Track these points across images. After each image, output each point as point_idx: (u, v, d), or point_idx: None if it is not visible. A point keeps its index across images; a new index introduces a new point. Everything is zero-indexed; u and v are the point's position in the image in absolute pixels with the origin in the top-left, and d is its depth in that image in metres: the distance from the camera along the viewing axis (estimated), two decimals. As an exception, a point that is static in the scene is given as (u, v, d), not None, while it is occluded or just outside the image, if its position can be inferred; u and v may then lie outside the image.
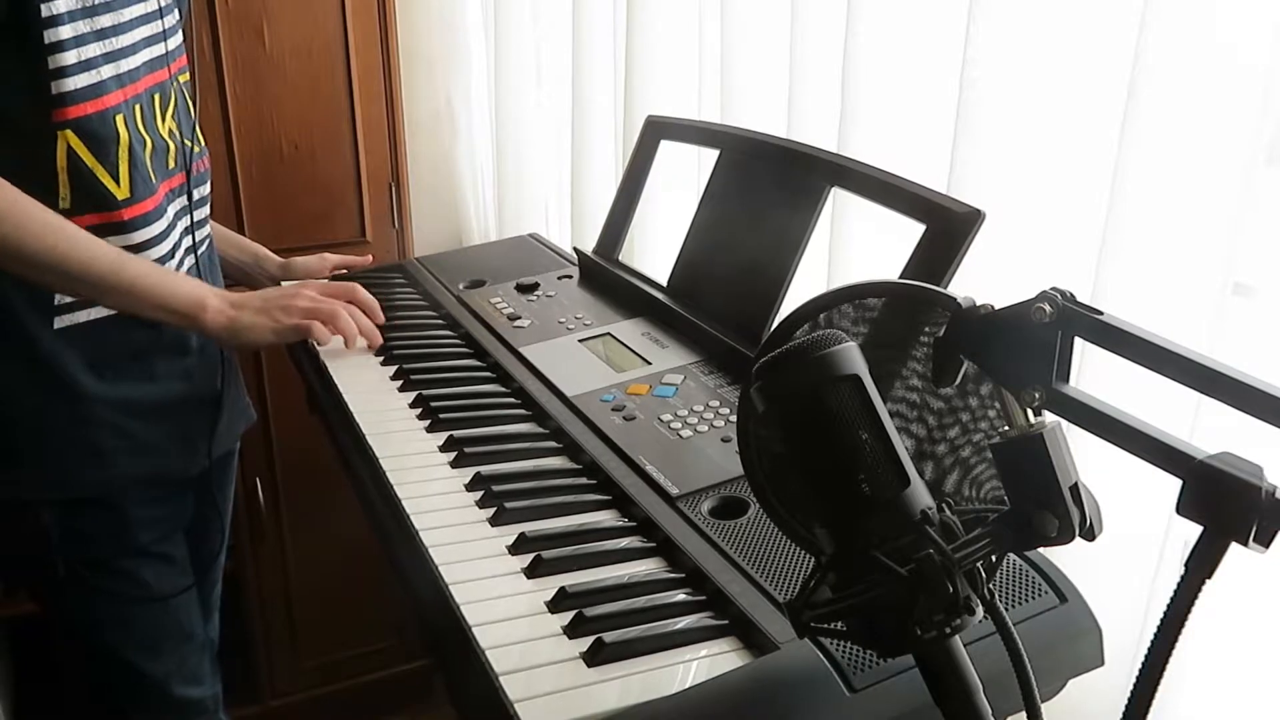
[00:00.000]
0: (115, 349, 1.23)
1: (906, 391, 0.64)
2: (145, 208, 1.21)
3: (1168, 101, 0.82)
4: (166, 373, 1.28)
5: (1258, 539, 0.48)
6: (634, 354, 1.23)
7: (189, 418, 1.33)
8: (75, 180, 1.15)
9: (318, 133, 1.89)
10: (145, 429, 1.26)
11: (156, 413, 1.28)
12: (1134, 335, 0.54)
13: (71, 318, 1.19)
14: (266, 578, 2.07)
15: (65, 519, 1.24)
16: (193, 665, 1.39)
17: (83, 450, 1.23)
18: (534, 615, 0.81)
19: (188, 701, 1.38)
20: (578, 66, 1.65)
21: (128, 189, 1.19)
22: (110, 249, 1.16)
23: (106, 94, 1.16)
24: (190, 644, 1.38)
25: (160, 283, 1.20)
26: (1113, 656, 0.77)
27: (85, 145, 1.15)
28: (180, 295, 1.20)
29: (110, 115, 1.17)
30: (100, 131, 1.16)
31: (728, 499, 0.93)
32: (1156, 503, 0.83)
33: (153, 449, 1.28)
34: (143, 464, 1.27)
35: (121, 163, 1.18)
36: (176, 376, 1.30)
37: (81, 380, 1.21)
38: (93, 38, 1.15)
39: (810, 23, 1.18)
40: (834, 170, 1.11)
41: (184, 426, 1.32)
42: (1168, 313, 0.83)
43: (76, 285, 1.16)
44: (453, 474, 1.03)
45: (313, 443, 1.60)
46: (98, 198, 1.17)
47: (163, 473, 1.31)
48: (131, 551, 1.29)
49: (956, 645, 0.54)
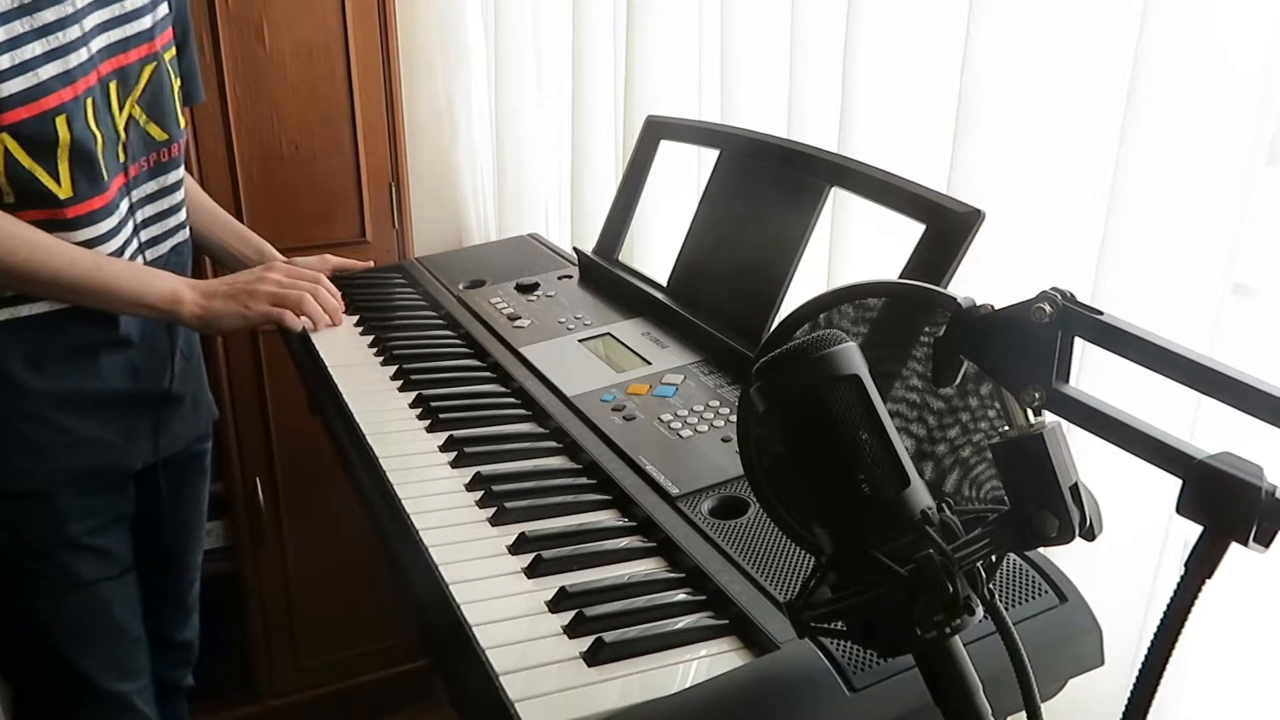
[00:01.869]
0: (56, 343, 1.23)
1: (906, 391, 0.64)
2: (92, 205, 1.20)
3: (1168, 101, 0.82)
4: (110, 367, 1.28)
5: (1258, 539, 0.48)
6: (634, 354, 1.23)
7: (133, 412, 1.33)
8: (14, 183, 1.14)
9: (318, 133, 1.89)
10: (85, 424, 1.27)
11: (98, 407, 1.28)
12: (1134, 335, 0.54)
13: (12, 311, 1.20)
14: (266, 578, 2.07)
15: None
16: (122, 659, 1.39)
17: (19, 444, 1.24)
18: (534, 615, 0.81)
19: (113, 695, 1.38)
20: (578, 67, 1.65)
21: (69, 188, 1.18)
22: (84, 255, 1.17)
23: (47, 95, 1.13)
24: (122, 637, 1.38)
25: (138, 282, 1.22)
26: (1113, 656, 0.77)
27: (22, 148, 1.13)
28: (156, 292, 1.23)
29: (50, 117, 1.14)
30: (38, 134, 1.14)
31: (728, 499, 0.93)
32: (1156, 503, 0.83)
33: (93, 443, 1.28)
34: (81, 458, 1.28)
35: (62, 163, 1.17)
36: (121, 371, 1.30)
37: (20, 375, 1.21)
38: (33, 36, 1.12)
39: (810, 23, 1.18)
40: (834, 170, 1.11)
41: (127, 421, 1.32)
42: (1168, 313, 0.83)
43: (53, 292, 1.17)
44: (453, 474, 1.03)
45: (313, 443, 1.60)
46: (39, 197, 1.16)
47: (102, 467, 1.31)
48: (64, 542, 1.29)
49: (956, 645, 0.54)
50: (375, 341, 1.36)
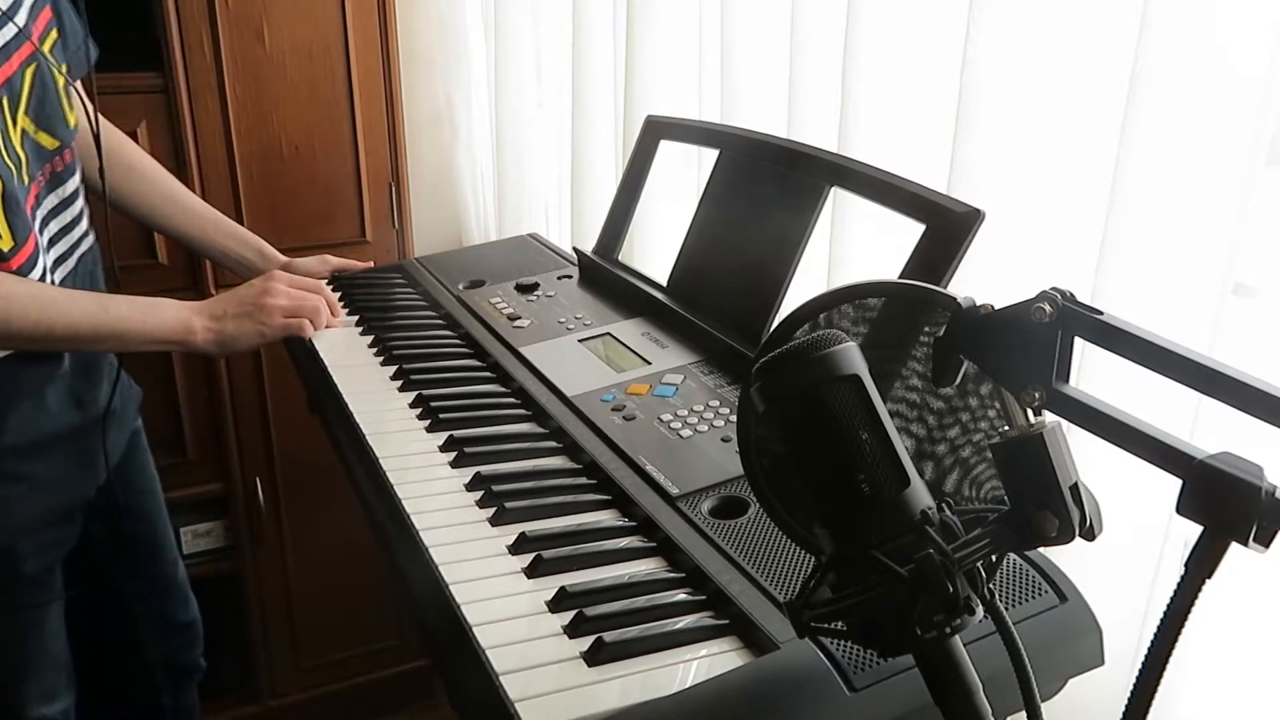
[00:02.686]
0: (9, 392, 1.17)
1: (906, 391, 0.64)
2: (29, 248, 1.10)
3: (1168, 101, 0.81)
4: (56, 402, 1.22)
5: (1258, 539, 0.48)
6: (634, 354, 1.23)
7: (83, 441, 1.28)
8: None
9: (318, 133, 1.89)
10: (45, 467, 1.22)
11: (53, 446, 1.22)
12: (1134, 335, 0.54)
13: None
14: (266, 578, 2.07)
15: None
16: (52, 684, 1.34)
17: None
18: (534, 615, 0.81)
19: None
20: (578, 66, 1.65)
21: (9, 237, 1.08)
22: (87, 300, 1.12)
23: None
24: (55, 663, 1.33)
25: (148, 320, 1.17)
26: (1113, 656, 0.77)
27: None
28: (168, 326, 1.19)
29: None
30: None
31: (728, 499, 0.93)
32: (1156, 503, 0.83)
33: (53, 483, 1.23)
34: (42, 501, 1.23)
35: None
36: (66, 404, 1.24)
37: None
38: None
39: (810, 23, 1.18)
40: (834, 170, 1.11)
41: (80, 450, 1.27)
42: (1168, 313, 0.83)
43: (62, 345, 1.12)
44: (453, 474, 1.03)
45: (313, 443, 1.60)
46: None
47: (60, 505, 1.26)
48: (16, 582, 1.24)
49: (956, 645, 0.54)
50: (375, 341, 1.36)
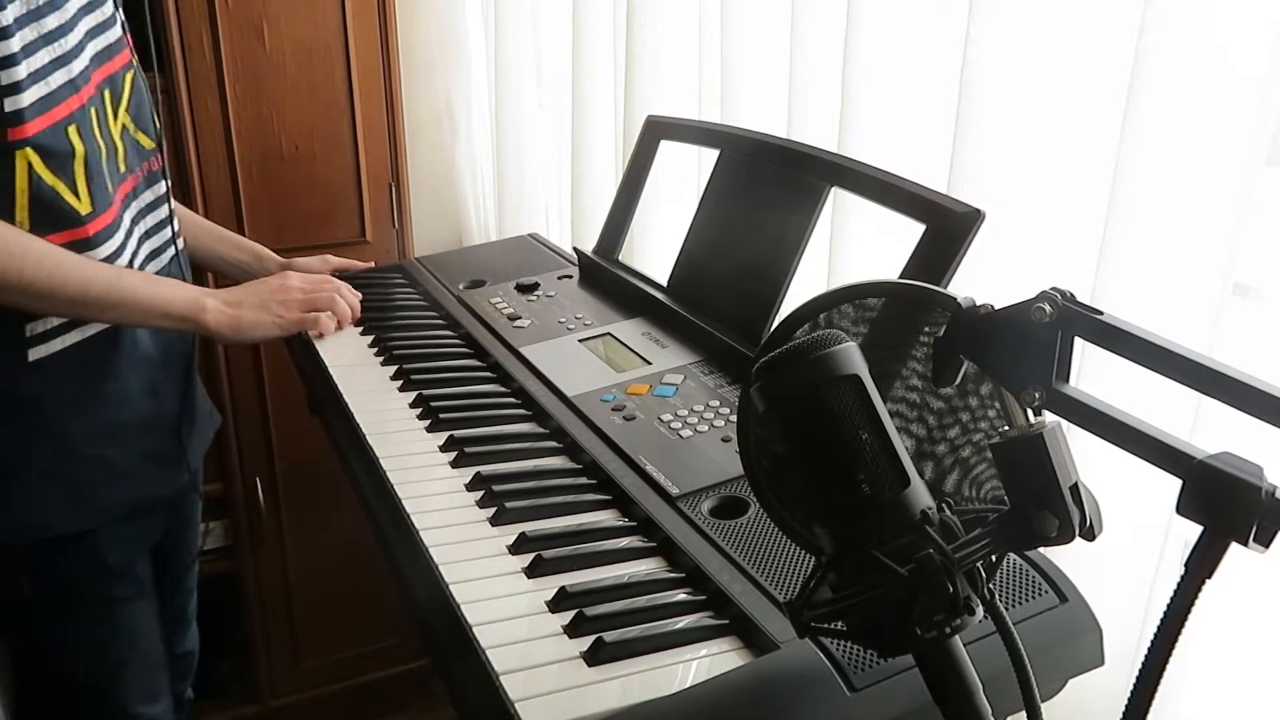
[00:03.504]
0: (90, 376, 1.20)
1: (906, 391, 0.64)
2: (106, 220, 1.18)
3: (1168, 101, 0.82)
4: (137, 387, 1.25)
5: (1258, 539, 0.48)
6: (634, 354, 1.23)
7: (161, 436, 1.30)
8: (36, 201, 1.10)
9: (318, 133, 1.89)
10: (123, 455, 1.24)
11: (131, 436, 1.25)
12: (1134, 335, 0.54)
13: (46, 348, 1.16)
14: (266, 578, 2.07)
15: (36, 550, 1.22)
16: (151, 682, 1.37)
17: (66, 489, 1.21)
18: (534, 615, 0.81)
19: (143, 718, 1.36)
20: (578, 67, 1.65)
21: (89, 202, 1.15)
22: (102, 267, 1.14)
23: (58, 104, 1.10)
24: (148, 661, 1.36)
25: (157, 291, 1.19)
26: (1113, 656, 0.77)
27: (44, 163, 1.10)
28: (179, 300, 1.20)
29: (63, 128, 1.11)
30: (55, 146, 1.11)
31: (728, 499, 0.93)
32: (1156, 503, 0.83)
33: (131, 474, 1.26)
34: (123, 491, 1.25)
35: (79, 176, 1.14)
36: (145, 397, 1.27)
37: (60, 417, 1.18)
38: (40, 44, 1.09)
39: (810, 23, 1.18)
40: (834, 170, 1.11)
41: (157, 446, 1.30)
42: (1168, 313, 0.83)
43: (76, 308, 1.14)
44: (453, 474, 1.03)
45: (313, 443, 1.60)
46: (60, 215, 1.12)
47: (140, 498, 1.28)
48: (100, 577, 1.27)
49: (956, 645, 0.54)
50: (375, 341, 1.36)
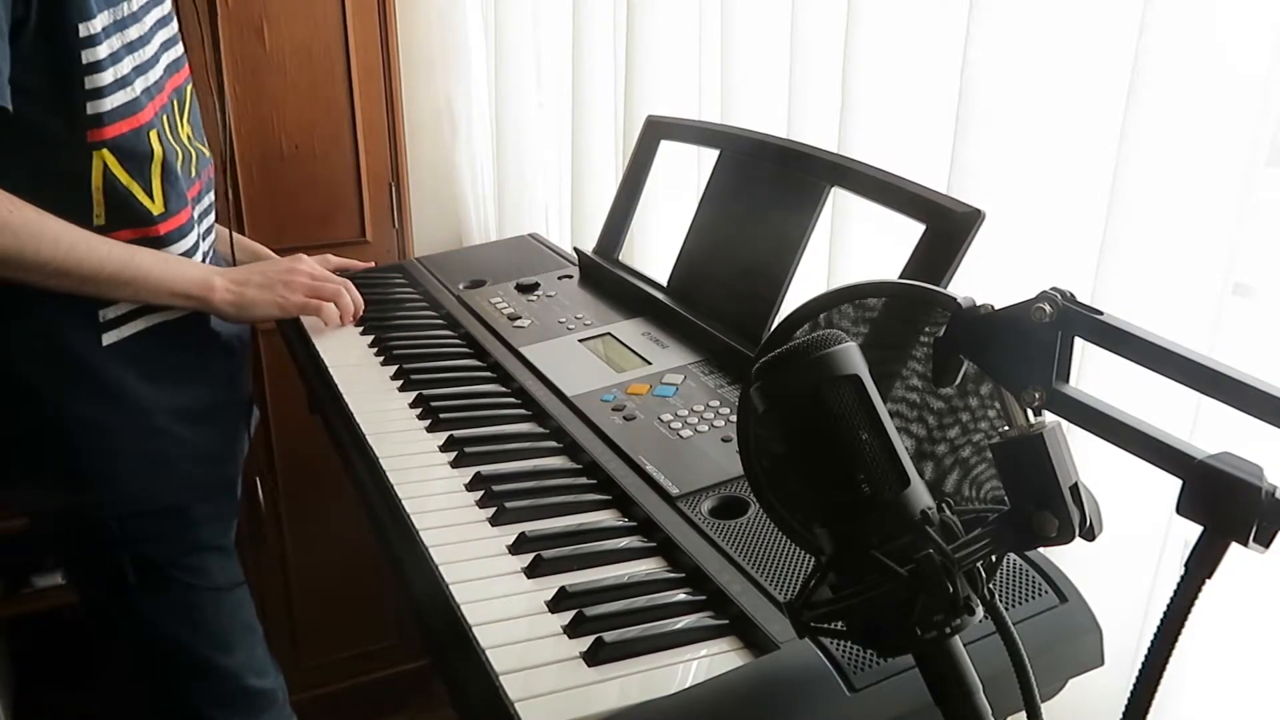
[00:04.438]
0: (167, 357, 1.24)
1: (906, 391, 0.63)
2: (179, 220, 1.22)
3: (1168, 101, 0.82)
4: (216, 378, 1.31)
5: (1258, 539, 0.48)
6: (634, 354, 1.23)
7: (233, 422, 1.36)
8: (110, 198, 1.15)
9: (318, 133, 1.89)
10: (201, 435, 1.28)
11: (209, 419, 1.29)
12: (1134, 335, 0.54)
13: (119, 333, 1.20)
14: (266, 578, 2.06)
15: (130, 524, 1.25)
16: (259, 656, 1.40)
17: (152, 463, 1.25)
18: (534, 615, 0.81)
19: (260, 692, 1.38)
20: (578, 67, 1.65)
21: (162, 204, 1.20)
22: (118, 245, 1.16)
23: (140, 110, 1.15)
24: (254, 635, 1.40)
25: (169, 271, 1.21)
26: (1113, 656, 0.77)
27: (121, 164, 1.14)
28: (190, 279, 1.23)
29: (145, 131, 1.16)
30: (137, 149, 1.15)
31: (728, 499, 0.93)
32: (1156, 503, 0.83)
33: (210, 455, 1.30)
34: (202, 468, 1.29)
35: (155, 178, 1.18)
36: (222, 383, 1.32)
37: (140, 392, 1.22)
38: (124, 52, 1.14)
39: (810, 22, 1.18)
40: (834, 170, 1.11)
41: (229, 430, 1.35)
42: (1168, 313, 0.83)
43: (91, 286, 1.16)
44: (453, 474, 1.03)
45: (313, 443, 1.60)
46: (132, 214, 1.17)
47: (219, 480, 1.34)
48: (195, 547, 1.31)
49: (956, 645, 0.54)
50: (375, 341, 1.36)
